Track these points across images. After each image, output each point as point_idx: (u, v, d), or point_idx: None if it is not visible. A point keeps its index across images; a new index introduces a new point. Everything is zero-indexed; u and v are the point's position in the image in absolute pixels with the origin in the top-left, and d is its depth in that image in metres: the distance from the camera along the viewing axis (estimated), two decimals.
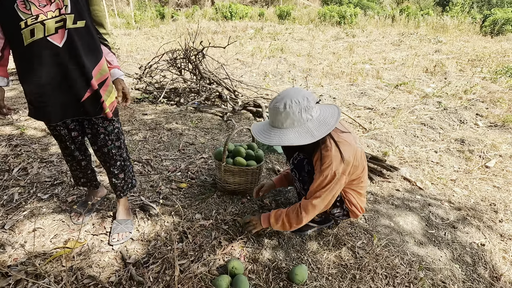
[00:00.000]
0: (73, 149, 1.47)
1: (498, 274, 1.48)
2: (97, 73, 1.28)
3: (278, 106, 1.28)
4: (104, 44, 1.37)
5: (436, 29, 11.53)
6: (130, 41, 8.29)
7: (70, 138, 1.43)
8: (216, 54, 6.25)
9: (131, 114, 3.34)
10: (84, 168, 1.59)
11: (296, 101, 1.26)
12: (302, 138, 1.27)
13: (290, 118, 1.27)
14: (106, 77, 1.33)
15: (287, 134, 1.29)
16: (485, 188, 2.20)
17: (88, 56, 1.24)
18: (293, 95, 1.28)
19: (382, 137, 2.91)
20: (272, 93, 4.25)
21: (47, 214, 1.70)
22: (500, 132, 3.14)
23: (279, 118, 1.29)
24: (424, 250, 1.61)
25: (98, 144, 1.44)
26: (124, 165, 1.54)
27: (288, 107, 1.26)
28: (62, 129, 1.38)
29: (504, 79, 5.01)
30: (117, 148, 1.48)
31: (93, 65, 1.26)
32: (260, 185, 1.82)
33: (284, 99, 1.27)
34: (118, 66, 1.42)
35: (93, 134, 1.42)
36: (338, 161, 1.28)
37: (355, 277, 1.39)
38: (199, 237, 1.59)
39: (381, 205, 1.96)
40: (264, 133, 1.36)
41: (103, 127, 1.40)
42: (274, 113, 1.30)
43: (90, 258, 1.43)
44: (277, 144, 1.30)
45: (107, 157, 1.48)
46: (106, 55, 1.36)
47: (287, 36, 9.96)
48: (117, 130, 1.46)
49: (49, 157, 2.31)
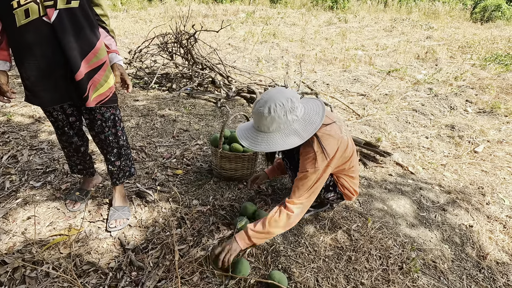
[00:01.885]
0: (71, 134, 1.44)
1: (485, 253, 1.56)
2: (93, 56, 1.23)
3: (262, 111, 1.22)
4: (102, 27, 1.31)
5: (428, 15, 11.52)
6: (117, 24, 7.99)
7: (68, 123, 1.40)
8: (207, 39, 6.10)
9: (122, 100, 3.26)
10: (82, 154, 1.56)
11: (280, 104, 1.21)
12: (290, 140, 1.24)
13: (275, 122, 1.23)
14: (103, 61, 1.28)
15: (274, 138, 1.26)
16: (474, 172, 2.27)
17: (81, 38, 1.19)
18: (277, 97, 1.23)
19: (375, 123, 2.94)
20: (266, 79, 4.21)
21: (41, 202, 1.68)
22: (489, 118, 3.22)
23: (265, 123, 1.25)
24: (416, 232, 1.67)
25: (96, 131, 1.41)
26: (120, 153, 1.52)
27: (273, 111, 1.21)
28: (60, 114, 1.34)
29: (493, 66, 5.09)
30: (114, 135, 1.45)
31: (87, 48, 1.21)
32: (254, 177, 1.81)
33: (267, 103, 1.22)
34: (116, 51, 1.37)
35: (91, 120, 1.39)
36: (321, 158, 1.27)
37: (351, 259, 1.44)
38: (197, 223, 1.60)
39: (374, 190, 2.01)
40: (250, 139, 1.32)
41: (100, 113, 1.37)
42: (259, 118, 1.25)
43: (88, 245, 1.43)
44: (266, 151, 1.27)
45: (104, 144, 1.45)
46: (104, 38, 1.31)
47: (279, 20, 9.78)
48: (114, 117, 1.42)
49: (39, 144, 2.25)
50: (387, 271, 1.39)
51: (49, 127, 2.53)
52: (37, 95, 1.26)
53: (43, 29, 1.11)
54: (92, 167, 1.68)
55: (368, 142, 2.38)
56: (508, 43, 6.85)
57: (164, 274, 1.29)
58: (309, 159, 1.29)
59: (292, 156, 1.51)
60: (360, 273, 1.37)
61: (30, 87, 1.24)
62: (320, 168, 1.28)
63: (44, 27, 1.11)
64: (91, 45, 1.22)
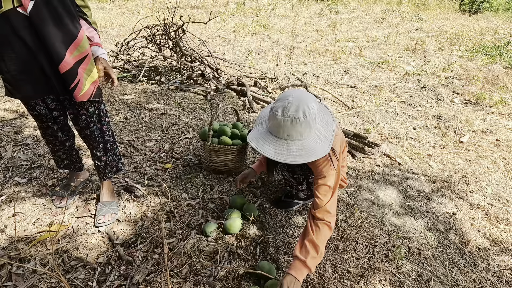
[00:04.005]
0: (55, 129, 1.41)
1: (467, 240, 1.61)
2: (75, 49, 1.20)
3: (297, 116, 1.09)
4: (84, 19, 1.28)
5: (417, 6, 11.55)
6: (104, 16, 7.77)
7: (52, 118, 1.37)
8: (196, 31, 6.01)
9: (109, 94, 3.20)
10: (68, 149, 1.53)
11: (312, 106, 1.11)
12: (322, 145, 1.14)
13: (309, 127, 1.12)
14: (85, 54, 1.24)
15: (309, 145, 1.13)
16: (459, 162, 2.33)
17: (62, 29, 1.15)
18: (305, 99, 1.11)
19: (364, 115, 2.97)
20: (256, 71, 4.18)
21: (27, 198, 1.65)
22: (474, 109, 3.29)
23: (299, 129, 1.11)
24: (402, 221, 1.71)
25: (80, 126, 1.39)
26: (107, 148, 1.50)
27: (308, 115, 1.10)
28: (42, 108, 1.31)
29: (480, 57, 5.17)
30: (99, 130, 1.43)
31: (69, 39, 1.18)
32: (242, 176, 1.70)
33: (300, 107, 1.09)
34: (99, 44, 1.33)
35: (75, 115, 1.36)
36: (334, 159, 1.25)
37: (338, 248, 1.47)
38: (186, 216, 1.60)
39: (362, 180, 2.04)
40: (283, 153, 1.13)
41: (84, 108, 1.34)
42: (292, 125, 1.10)
43: (76, 241, 1.42)
44: (308, 161, 1.12)
45: (90, 139, 1.43)
46: (86, 30, 1.27)
47: (270, 12, 9.68)
48: (99, 112, 1.40)
49: (23, 139, 2.20)
50: (373, 259, 1.43)
51: (34, 122, 2.47)
52: (17, 89, 1.22)
53: (20, 21, 1.07)
54: (79, 162, 1.66)
55: (357, 133, 2.41)
56: (495, 35, 6.95)
57: (153, 267, 1.30)
58: (324, 162, 1.23)
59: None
60: (347, 262, 1.40)
61: (10, 80, 1.20)
62: (336, 168, 1.25)
63: (21, 19, 1.07)
64: (72, 37, 1.19)
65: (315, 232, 1.18)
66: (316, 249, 1.16)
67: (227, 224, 1.46)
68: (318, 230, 1.18)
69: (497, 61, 4.84)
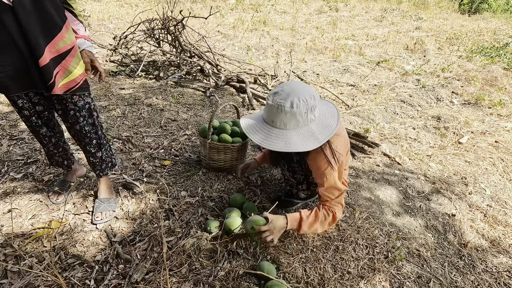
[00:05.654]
0: (40, 124, 1.35)
1: (466, 241, 1.62)
2: (60, 40, 1.16)
3: (284, 104, 1.10)
4: (69, 10, 1.24)
5: (417, 5, 11.54)
6: (101, 8, 7.66)
7: (36, 112, 1.31)
8: (196, 25, 5.94)
9: (107, 88, 3.16)
10: (54, 146, 1.47)
11: (304, 100, 1.10)
12: (307, 142, 1.14)
13: (295, 119, 1.13)
14: (71, 46, 1.20)
15: (291, 137, 1.14)
16: (458, 162, 2.33)
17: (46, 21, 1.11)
18: (301, 91, 1.11)
19: (364, 114, 2.96)
20: (255, 68, 4.15)
21: (23, 194, 1.62)
22: (473, 110, 3.30)
23: (283, 118, 1.13)
24: (401, 221, 1.71)
25: (70, 121, 1.34)
26: (101, 143, 1.46)
27: (295, 107, 1.10)
28: (25, 102, 1.26)
29: (479, 58, 5.18)
30: (90, 125, 1.38)
31: (53, 31, 1.14)
32: (244, 165, 1.75)
33: (290, 96, 1.10)
34: (85, 36, 1.29)
35: (63, 110, 1.31)
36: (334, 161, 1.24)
37: (338, 248, 1.47)
38: (185, 214, 1.58)
39: (362, 180, 2.04)
40: (261, 133, 1.17)
41: (73, 102, 1.30)
42: (277, 112, 1.12)
43: (73, 238, 1.40)
44: (282, 150, 1.14)
45: (81, 135, 1.39)
46: (72, 22, 1.23)
47: (269, 8, 9.60)
48: (89, 106, 1.36)
49: (19, 134, 2.16)
50: (373, 260, 1.42)
51: None
52: None
53: (1, 11, 1.03)
54: (67, 159, 1.58)
55: (357, 133, 2.40)
56: (494, 36, 6.97)
57: (152, 266, 1.28)
58: (323, 162, 1.23)
59: (290, 158, 1.48)
60: (347, 262, 1.40)
61: None
62: (336, 169, 1.25)
63: (2, 9, 1.03)
64: (57, 29, 1.14)
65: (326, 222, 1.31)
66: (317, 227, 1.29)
67: (228, 223, 1.45)
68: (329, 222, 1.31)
69: (496, 62, 4.86)
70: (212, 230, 1.45)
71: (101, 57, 4.14)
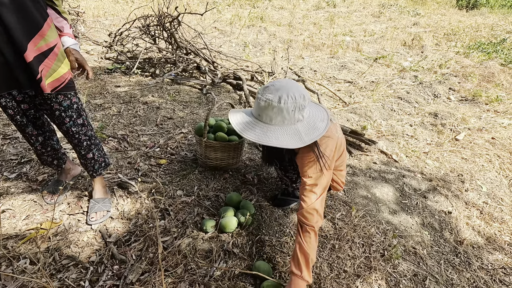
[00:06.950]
0: (25, 123, 1.31)
1: (462, 239, 1.62)
2: (41, 39, 1.12)
3: (271, 98, 1.10)
4: (53, 8, 1.21)
5: (415, 0, 11.50)
6: (97, 4, 7.56)
7: (21, 110, 1.28)
8: (192, 22, 5.88)
9: (102, 86, 3.12)
10: (41, 145, 1.43)
11: (292, 97, 1.10)
12: (290, 140, 1.13)
13: (281, 116, 1.12)
14: (53, 45, 1.17)
15: (275, 132, 1.13)
16: (454, 160, 2.33)
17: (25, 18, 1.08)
18: (290, 89, 1.11)
19: (361, 111, 2.95)
20: (253, 64, 4.12)
21: (16, 194, 1.60)
22: (470, 106, 3.30)
23: (269, 113, 1.13)
24: (398, 219, 1.71)
25: (56, 122, 1.31)
26: (91, 144, 1.43)
27: (283, 103, 1.09)
28: (8, 101, 1.23)
29: (476, 54, 5.17)
30: (79, 125, 1.35)
31: (33, 29, 1.10)
32: None
33: (279, 92, 1.10)
34: (69, 34, 1.26)
35: (48, 110, 1.29)
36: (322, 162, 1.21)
37: (335, 247, 1.46)
38: (181, 214, 1.57)
39: (359, 178, 2.03)
40: (246, 125, 1.18)
41: (58, 102, 1.26)
42: (264, 106, 1.12)
43: (68, 238, 1.38)
44: (262, 143, 1.14)
45: (68, 136, 1.35)
46: (55, 20, 1.20)
47: (267, 3, 9.53)
48: (76, 106, 1.32)
49: (13, 133, 2.13)
50: (369, 259, 1.42)
51: None
52: None
53: None
54: (57, 159, 1.55)
55: (354, 130, 2.39)
56: (491, 31, 6.96)
57: (147, 266, 1.28)
58: (310, 164, 1.21)
59: (282, 157, 1.47)
60: (343, 261, 1.40)
61: None
62: (324, 172, 1.21)
63: None
64: (37, 27, 1.11)
65: (305, 242, 1.14)
66: (306, 257, 1.12)
67: (223, 223, 1.44)
68: (309, 239, 1.14)
69: (493, 58, 4.86)
70: (208, 230, 1.45)
71: (96, 54, 4.09)
